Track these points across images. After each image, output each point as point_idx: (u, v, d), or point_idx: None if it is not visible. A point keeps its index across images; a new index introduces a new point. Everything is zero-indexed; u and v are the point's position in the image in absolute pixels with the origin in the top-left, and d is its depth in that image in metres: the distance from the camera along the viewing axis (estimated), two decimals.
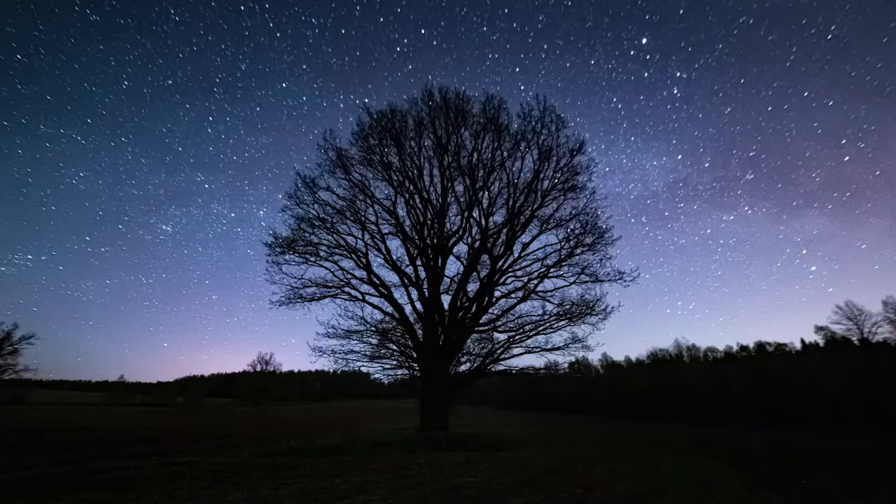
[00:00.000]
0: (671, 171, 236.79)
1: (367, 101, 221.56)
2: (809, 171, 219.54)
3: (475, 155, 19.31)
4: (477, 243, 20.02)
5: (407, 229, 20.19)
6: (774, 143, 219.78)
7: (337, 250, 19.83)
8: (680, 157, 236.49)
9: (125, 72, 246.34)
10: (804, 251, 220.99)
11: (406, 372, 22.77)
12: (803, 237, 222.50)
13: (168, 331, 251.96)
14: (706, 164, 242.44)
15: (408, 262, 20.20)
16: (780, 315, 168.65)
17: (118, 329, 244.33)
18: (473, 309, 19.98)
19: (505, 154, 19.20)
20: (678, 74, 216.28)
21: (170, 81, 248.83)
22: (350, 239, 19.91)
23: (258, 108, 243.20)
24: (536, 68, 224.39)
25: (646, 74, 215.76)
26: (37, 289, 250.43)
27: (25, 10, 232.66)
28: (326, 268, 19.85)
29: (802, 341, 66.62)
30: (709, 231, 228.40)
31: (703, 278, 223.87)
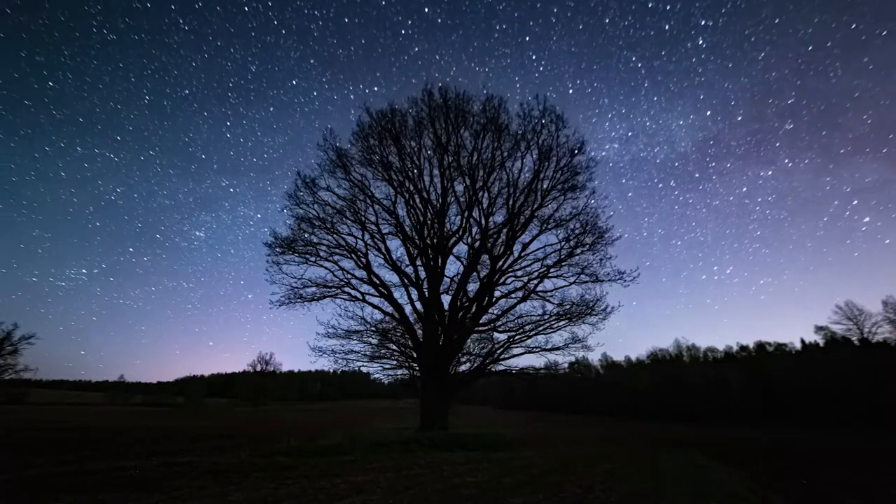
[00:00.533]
0: (700, 130, 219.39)
1: (375, 88, 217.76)
2: (859, 112, 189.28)
3: (475, 155, 19.32)
4: (477, 243, 20.02)
5: (407, 229, 20.20)
6: (817, 86, 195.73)
7: (337, 250, 19.85)
8: (709, 112, 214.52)
9: (145, 86, 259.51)
10: (855, 202, 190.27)
11: (406, 372, 22.76)
12: (854, 186, 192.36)
13: (211, 330, 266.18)
14: (738, 118, 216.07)
15: (408, 262, 20.23)
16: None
17: (170, 332, 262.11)
18: (473, 309, 19.97)
19: (505, 154, 19.22)
20: (703, 23, 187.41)
21: (186, 91, 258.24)
22: (350, 239, 19.94)
23: (272, 109, 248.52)
24: (547, 34, 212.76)
25: (666, 27, 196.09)
26: (94, 300, 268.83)
27: (50, 37, 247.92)
28: (326, 268, 19.89)
29: (802, 341, 66.76)
30: (745, 189, 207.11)
31: (740, 240, 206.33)
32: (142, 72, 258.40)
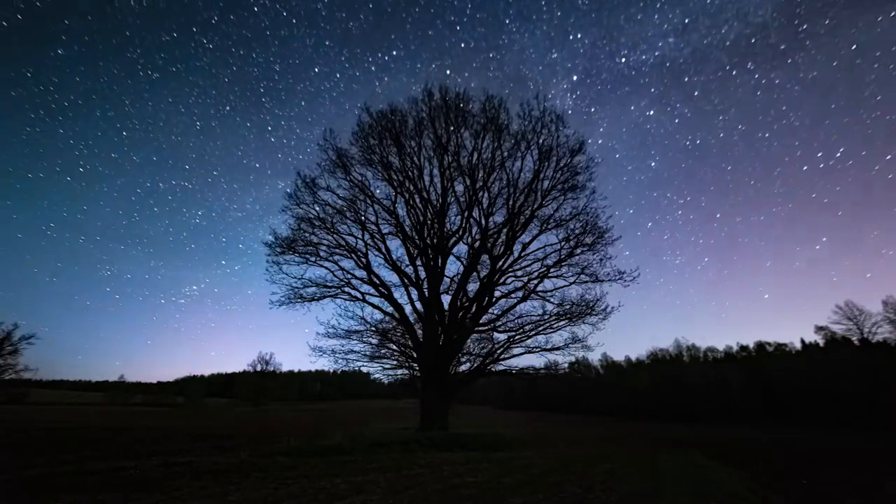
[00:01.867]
0: None
1: (394, 52, 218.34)
2: None
3: (475, 155, 19.33)
4: (477, 243, 20.02)
5: (407, 229, 20.20)
6: None
7: (337, 250, 19.86)
8: None
9: (193, 113, 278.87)
10: None
11: (406, 372, 22.77)
12: None
13: (300, 324, 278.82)
14: None
15: (408, 262, 20.23)
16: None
17: (268, 329, 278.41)
18: (473, 309, 19.97)
19: (505, 154, 19.22)
20: None
21: (228, 108, 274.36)
22: (350, 239, 19.94)
23: (303, 103, 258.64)
24: None
25: None
26: (207, 310, 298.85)
27: (111, 91, 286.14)
28: (326, 268, 19.89)
29: (802, 341, 66.75)
30: (853, 48, 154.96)
31: (852, 112, 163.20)
32: (187, 100, 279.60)
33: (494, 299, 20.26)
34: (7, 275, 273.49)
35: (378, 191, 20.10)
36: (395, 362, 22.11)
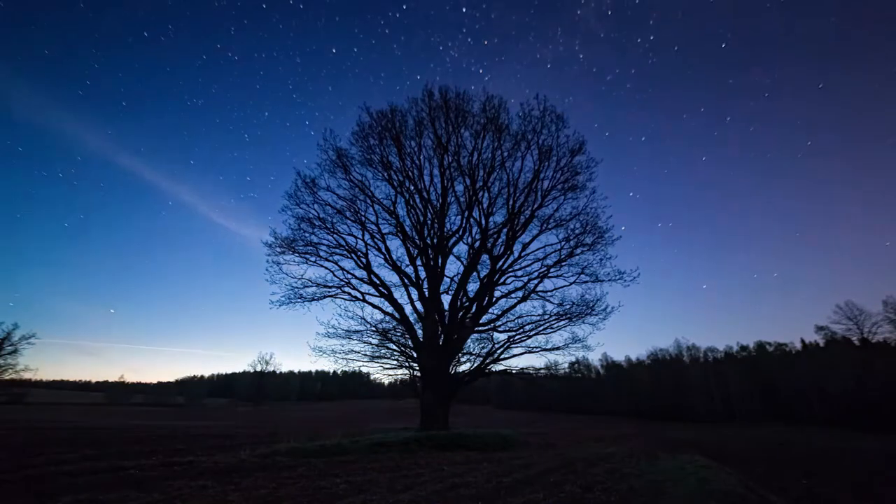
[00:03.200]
0: None
1: (404, 7, 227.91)
2: None
3: (475, 155, 19.35)
4: (477, 243, 20.04)
5: (407, 229, 20.22)
6: None
7: (337, 250, 19.86)
8: None
9: (239, 127, 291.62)
10: None
11: (406, 372, 22.71)
12: None
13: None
14: None
15: (408, 262, 20.24)
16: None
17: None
18: (473, 309, 19.98)
19: (505, 154, 19.25)
20: None
21: (266, 113, 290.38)
22: (350, 239, 19.96)
23: (330, 88, 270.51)
24: None
25: None
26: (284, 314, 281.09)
27: (174, 127, 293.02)
28: (326, 268, 19.90)
29: (802, 341, 66.71)
30: None
31: None
32: (231, 116, 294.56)
33: (494, 299, 20.30)
34: (148, 301, 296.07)
35: (378, 191, 20.14)
36: (395, 362, 22.06)
